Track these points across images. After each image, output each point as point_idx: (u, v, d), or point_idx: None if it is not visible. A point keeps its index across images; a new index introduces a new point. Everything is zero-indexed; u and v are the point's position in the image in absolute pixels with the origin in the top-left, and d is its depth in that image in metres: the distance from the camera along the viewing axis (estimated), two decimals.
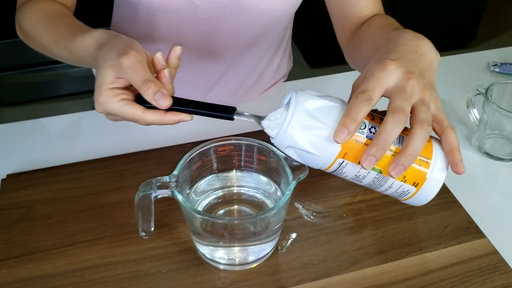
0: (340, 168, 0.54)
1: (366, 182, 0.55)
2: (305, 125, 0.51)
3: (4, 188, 0.72)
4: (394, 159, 0.50)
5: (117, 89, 0.55)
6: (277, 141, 0.54)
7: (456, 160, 0.54)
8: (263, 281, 0.61)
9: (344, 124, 0.49)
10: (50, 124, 0.88)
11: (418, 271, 0.63)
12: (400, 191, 0.55)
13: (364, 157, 0.49)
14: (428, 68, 0.55)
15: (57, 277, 0.61)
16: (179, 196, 0.56)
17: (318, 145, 0.51)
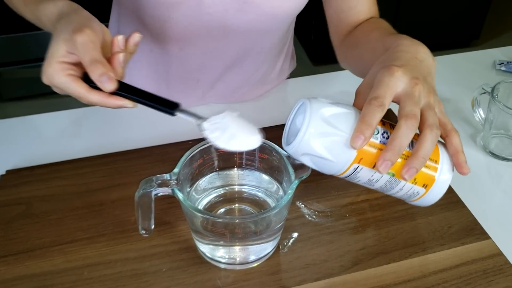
0: (355, 173, 0.55)
1: (378, 185, 0.57)
2: (322, 132, 0.52)
3: (3, 184, 0.72)
4: (406, 162, 0.52)
5: (66, 64, 0.55)
6: (293, 149, 0.54)
7: (461, 162, 0.56)
8: (264, 280, 0.60)
9: (360, 130, 0.51)
10: (51, 120, 0.87)
11: (421, 272, 0.62)
12: (410, 193, 0.57)
13: (380, 161, 0.51)
14: (428, 73, 0.58)
15: (55, 274, 0.61)
16: (179, 194, 0.55)
17: (335, 151, 0.52)
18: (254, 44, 0.85)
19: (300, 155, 0.55)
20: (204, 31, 0.80)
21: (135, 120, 0.86)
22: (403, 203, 0.69)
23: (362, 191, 0.72)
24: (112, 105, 0.56)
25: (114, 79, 0.54)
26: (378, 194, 0.71)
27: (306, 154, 0.54)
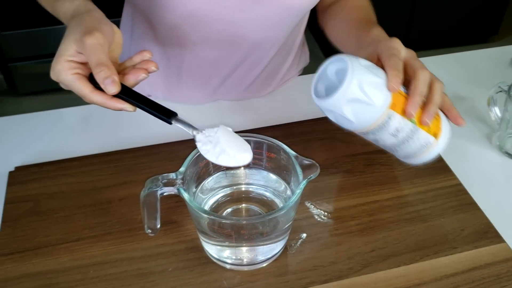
0: (387, 120, 0.59)
1: (402, 136, 0.61)
2: (365, 77, 0.57)
3: (12, 181, 0.71)
4: (425, 109, 0.60)
5: (74, 63, 0.58)
6: (338, 97, 0.57)
7: (456, 115, 0.65)
8: (271, 282, 0.59)
9: (395, 74, 0.58)
10: (62, 116, 0.87)
11: (432, 276, 0.60)
12: (424, 142, 0.62)
13: (411, 104, 0.58)
14: None
15: (61, 273, 0.60)
16: (185, 195, 0.54)
17: (376, 94, 0.57)
18: (267, 38, 0.84)
19: (344, 102, 0.57)
20: (219, 25, 0.79)
21: (144, 118, 0.85)
22: (414, 204, 0.68)
23: (373, 192, 0.70)
24: (113, 107, 0.58)
25: (118, 83, 0.56)
26: (389, 195, 0.70)
27: (350, 101, 0.57)
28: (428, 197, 0.70)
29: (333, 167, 0.74)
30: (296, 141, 0.78)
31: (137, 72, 0.59)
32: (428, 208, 0.68)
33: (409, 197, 0.70)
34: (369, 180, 0.72)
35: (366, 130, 0.61)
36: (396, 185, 0.71)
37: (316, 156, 0.75)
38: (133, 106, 0.58)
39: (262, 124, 0.83)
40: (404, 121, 0.59)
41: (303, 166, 0.57)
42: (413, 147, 0.62)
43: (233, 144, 0.56)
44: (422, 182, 0.72)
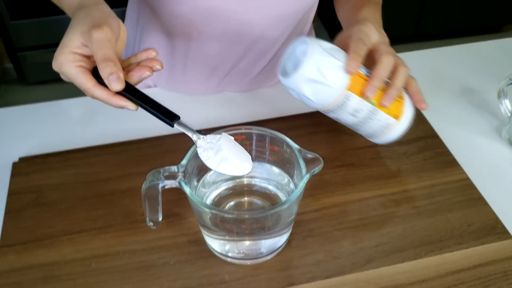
0: (345, 101, 0.61)
1: (361, 116, 0.63)
2: (323, 59, 0.60)
3: (16, 171, 0.71)
4: (386, 92, 0.62)
5: (78, 55, 0.56)
6: (296, 77, 0.60)
7: (420, 99, 0.67)
8: (273, 276, 0.59)
9: (353, 58, 0.60)
10: (67, 107, 0.86)
11: (437, 272, 0.59)
12: (385, 123, 0.65)
13: (369, 87, 0.60)
14: None
15: (63, 265, 0.60)
16: (186, 188, 0.53)
17: (333, 76, 0.60)
18: (274, 29, 0.83)
19: (302, 82, 0.60)
20: (227, 17, 0.78)
21: None
22: (421, 198, 0.67)
23: (378, 186, 0.69)
24: (115, 104, 0.57)
25: (123, 80, 0.55)
26: (394, 189, 0.69)
27: (308, 81, 0.60)
28: (435, 191, 0.68)
29: (338, 160, 0.73)
30: (301, 134, 0.77)
31: (142, 69, 0.58)
32: (435, 203, 0.67)
33: (415, 191, 0.69)
34: (375, 174, 0.71)
35: (326, 109, 0.63)
36: (402, 179, 0.70)
37: (321, 149, 0.74)
38: (135, 105, 0.57)
39: (267, 115, 0.82)
40: (362, 102, 0.62)
41: (306, 159, 0.56)
42: (374, 127, 0.65)
43: (234, 153, 0.56)
44: (428, 176, 0.70)
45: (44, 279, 0.59)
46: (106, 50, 0.55)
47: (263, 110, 0.84)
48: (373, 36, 0.64)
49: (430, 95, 0.87)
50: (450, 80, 0.90)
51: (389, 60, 0.62)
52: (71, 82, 0.58)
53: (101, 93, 0.56)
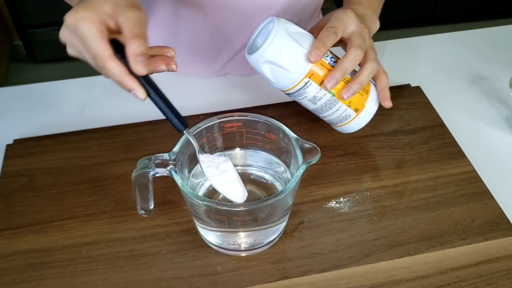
0: (304, 87, 0.61)
1: (320, 104, 0.63)
2: (285, 43, 0.59)
3: (9, 154, 0.70)
4: (347, 85, 0.62)
5: (102, 22, 0.50)
6: (257, 55, 0.60)
7: (387, 96, 0.66)
8: (267, 269, 0.57)
9: (316, 47, 0.59)
10: (65, 87, 0.84)
11: (437, 269, 0.57)
12: (344, 115, 0.65)
13: (329, 79, 0.60)
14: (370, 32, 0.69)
15: (53, 251, 0.59)
16: (177, 178, 0.52)
17: (293, 62, 0.59)
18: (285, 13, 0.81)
19: (262, 62, 0.60)
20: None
21: None
22: (423, 191, 0.65)
23: (381, 177, 0.67)
24: (126, 84, 0.50)
25: (148, 66, 0.50)
26: (397, 181, 0.67)
27: (268, 62, 0.60)
28: (439, 183, 0.66)
29: (340, 149, 0.71)
30: (302, 120, 0.75)
31: (158, 62, 0.53)
32: (438, 196, 0.64)
33: (418, 183, 0.66)
34: (377, 164, 0.69)
35: (286, 92, 0.63)
36: (405, 170, 0.68)
37: (323, 137, 0.72)
38: (145, 94, 0.51)
39: (269, 100, 0.79)
40: (322, 91, 0.61)
41: (303, 149, 0.54)
42: (333, 116, 0.65)
43: (237, 179, 0.56)
44: (433, 168, 0.68)
45: (33, 265, 0.58)
46: (142, 30, 0.50)
47: (266, 95, 0.82)
48: (350, 25, 0.62)
49: (439, 81, 0.84)
50: (460, 67, 0.87)
51: (356, 53, 0.60)
52: (78, 55, 0.52)
53: (116, 68, 0.49)
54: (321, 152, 0.54)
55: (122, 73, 0.50)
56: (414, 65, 0.88)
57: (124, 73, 0.50)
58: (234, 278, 0.56)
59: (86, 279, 0.56)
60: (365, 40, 0.63)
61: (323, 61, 0.60)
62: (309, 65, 0.59)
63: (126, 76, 0.50)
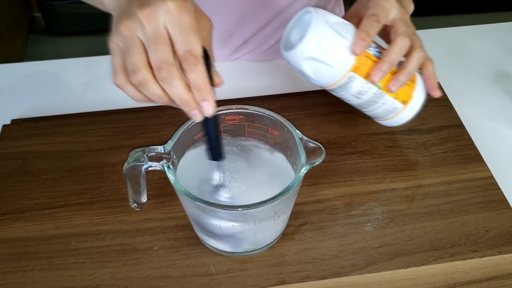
0: (348, 82, 0.57)
1: (365, 98, 0.59)
2: (327, 36, 0.54)
3: (4, 135, 0.67)
4: (395, 76, 0.57)
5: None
6: (296, 52, 0.54)
7: (434, 85, 0.61)
8: (262, 272, 0.54)
9: (361, 38, 0.54)
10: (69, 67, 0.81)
11: (445, 282, 0.54)
12: (390, 108, 0.60)
13: (376, 71, 0.55)
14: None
15: (41, 241, 0.56)
16: (170, 174, 0.48)
17: (336, 56, 0.54)
18: None
19: (302, 59, 0.55)
20: None
21: None
22: (436, 196, 0.61)
23: (392, 178, 0.63)
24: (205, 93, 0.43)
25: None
26: (408, 183, 0.62)
27: (308, 58, 0.55)
28: (453, 189, 0.62)
29: (350, 146, 0.67)
30: (312, 113, 0.71)
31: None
32: (451, 202, 0.60)
33: (431, 187, 0.62)
34: (388, 165, 0.65)
35: (328, 88, 0.59)
36: (418, 172, 0.64)
37: (333, 132, 0.68)
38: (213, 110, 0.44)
39: (279, 89, 0.75)
40: (368, 84, 0.57)
41: (307, 149, 0.50)
42: (379, 110, 0.61)
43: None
44: (447, 171, 0.64)
45: (20, 255, 0.55)
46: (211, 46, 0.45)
47: (276, 83, 0.78)
48: (392, 11, 0.57)
49: (459, 78, 0.79)
50: (483, 63, 0.82)
51: (403, 42, 0.56)
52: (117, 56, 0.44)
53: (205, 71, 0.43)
54: (329, 149, 0.51)
55: (207, 79, 0.43)
56: (433, 59, 0.82)
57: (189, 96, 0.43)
58: (228, 281, 0.53)
59: (73, 272, 0.54)
60: (409, 27, 0.58)
61: (367, 53, 0.56)
62: (354, 58, 0.55)
63: (208, 84, 0.43)
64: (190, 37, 0.42)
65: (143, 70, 0.42)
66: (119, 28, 0.42)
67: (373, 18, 0.55)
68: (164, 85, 0.42)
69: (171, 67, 0.42)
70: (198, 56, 0.42)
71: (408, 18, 0.59)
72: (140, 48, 0.42)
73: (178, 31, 0.42)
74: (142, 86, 0.43)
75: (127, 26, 0.42)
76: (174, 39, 0.42)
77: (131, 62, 0.42)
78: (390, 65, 0.55)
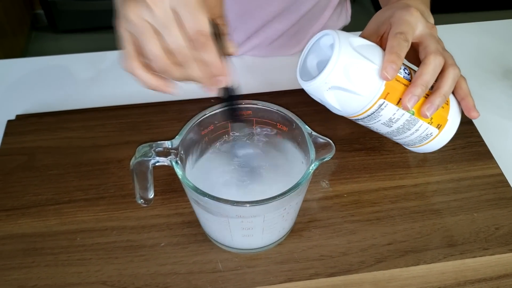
0: (378, 110, 0.52)
1: (396, 126, 0.54)
2: (353, 62, 0.49)
3: (9, 130, 0.67)
4: (429, 99, 0.52)
5: None
6: (319, 82, 0.50)
7: (471, 105, 0.56)
8: (271, 269, 0.53)
9: (391, 60, 0.49)
10: (74, 62, 0.81)
11: (455, 280, 0.53)
12: (424, 134, 0.56)
13: (409, 96, 0.50)
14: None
15: (47, 237, 0.56)
16: (178, 169, 0.48)
17: (365, 83, 0.50)
18: None
19: (326, 89, 0.50)
20: None
21: None
22: (446, 193, 0.60)
23: (401, 175, 0.62)
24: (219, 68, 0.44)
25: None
26: (417, 180, 0.62)
27: (333, 88, 0.50)
28: (462, 186, 0.61)
29: (358, 142, 0.66)
30: (319, 110, 0.69)
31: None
32: (460, 200, 0.60)
33: (440, 184, 0.61)
34: (397, 161, 0.64)
35: (355, 118, 0.54)
36: (427, 169, 0.63)
37: (341, 129, 0.67)
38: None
39: (285, 86, 0.75)
40: (400, 111, 0.52)
41: (317, 144, 0.50)
42: (412, 137, 0.56)
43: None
44: (457, 169, 0.63)
45: (25, 251, 0.55)
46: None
47: (281, 80, 0.77)
48: (418, 26, 0.53)
49: (467, 74, 0.77)
50: (492, 60, 0.81)
51: (436, 61, 0.51)
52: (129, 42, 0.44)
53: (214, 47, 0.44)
54: (337, 146, 0.50)
55: (217, 56, 0.44)
56: None
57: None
58: (235, 278, 0.53)
59: (79, 269, 0.53)
60: (438, 42, 0.53)
61: (398, 76, 0.51)
62: (383, 83, 0.50)
63: (220, 60, 0.44)
64: (198, 16, 0.42)
65: (162, 58, 0.43)
66: (125, 12, 0.42)
67: (400, 37, 0.50)
68: (182, 68, 0.44)
69: (185, 50, 0.42)
70: (207, 34, 0.43)
71: (436, 33, 0.55)
72: (153, 34, 0.42)
73: (185, 11, 0.42)
74: (164, 72, 0.44)
75: (133, 10, 0.42)
76: (183, 19, 0.42)
77: (148, 50, 0.43)
78: (424, 88, 0.50)
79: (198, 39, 0.42)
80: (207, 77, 0.45)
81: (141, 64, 0.45)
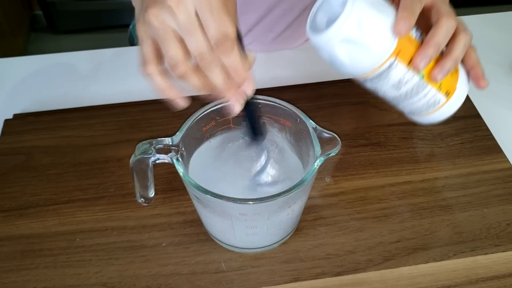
0: (389, 69, 0.49)
1: (405, 89, 0.52)
2: (367, 14, 0.47)
3: (7, 130, 0.65)
4: (440, 63, 0.50)
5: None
6: (331, 33, 0.47)
7: (480, 75, 0.55)
8: (276, 269, 0.52)
9: (405, 16, 0.47)
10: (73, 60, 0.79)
11: (466, 278, 0.51)
12: (432, 100, 0.53)
13: (421, 56, 0.48)
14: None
15: (45, 238, 0.54)
16: (179, 166, 0.46)
17: (377, 37, 0.47)
18: None
19: (338, 41, 0.47)
20: None
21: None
22: (454, 189, 0.59)
23: (407, 170, 0.61)
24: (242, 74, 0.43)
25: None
26: (425, 176, 0.60)
27: (345, 41, 0.47)
28: (471, 181, 0.59)
29: (363, 138, 0.65)
30: (323, 105, 0.69)
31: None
32: (470, 195, 0.58)
33: (448, 179, 0.60)
34: (403, 157, 0.62)
35: (364, 77, 0.51)
36: (435, 164, 0.61)
37: (345, 124, 0.66)
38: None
39: (288, 81, 0.73)
40: (409, 73, 0.50)
41: (322, 139, 0.48)
42: (419, 104, 0.54)
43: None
44: (465, 163, 0.61)
45: (23, 252, 0.53)
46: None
47: (284, 75, 0.76)
48: None
49: None
50: (498, 52, 0.79)
51: (449, 23, 0.49)
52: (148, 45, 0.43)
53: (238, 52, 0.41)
54: (342, 141, 0.48)
55: (243, 60, 0.42)
56: None
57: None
58: (239, 278, 0.51)
59: (78, 270, 0.52)
60: (450, 6, 0.52)
61: (410, 36, 0.49)
62: (396, 40, 0.48)
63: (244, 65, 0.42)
64: (223, 20, 0.40)
65: (183, 64, 0.41)
66: (147, 16, 0.41)
67: None
68: (202, 75, 0.42)
69: (209, 55, 0.41)
70: (233, 39, 0.41)
71: (448, 0, 0.53)
72: (175, 40, 0.41)
73: (209, 15, 0.40)
74: (184, 78, 0.42)
75: (155, 14, 0.40)
76: (206, 23, 0.40)
77: (170, 56, 0.41)
78: (437, 49, 0.49)
79: (223, 44, 0.40)
80: (230, 85, 0.43)
81: (160, 70, 0.43)
